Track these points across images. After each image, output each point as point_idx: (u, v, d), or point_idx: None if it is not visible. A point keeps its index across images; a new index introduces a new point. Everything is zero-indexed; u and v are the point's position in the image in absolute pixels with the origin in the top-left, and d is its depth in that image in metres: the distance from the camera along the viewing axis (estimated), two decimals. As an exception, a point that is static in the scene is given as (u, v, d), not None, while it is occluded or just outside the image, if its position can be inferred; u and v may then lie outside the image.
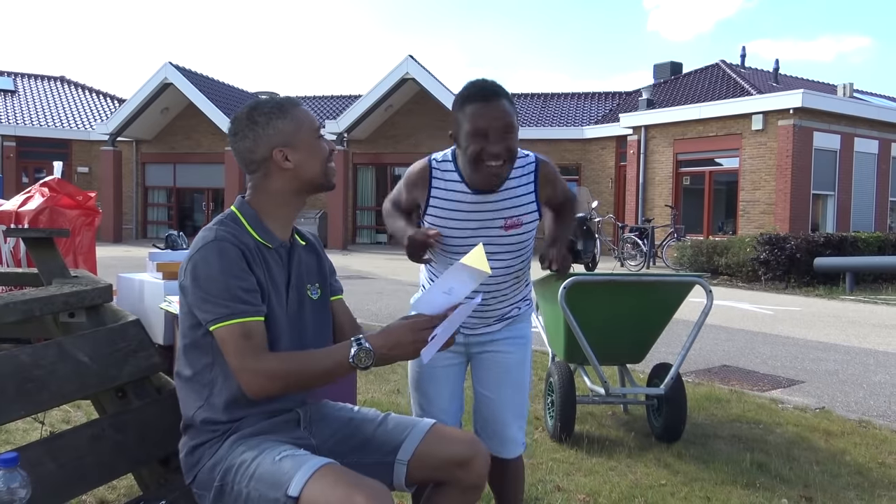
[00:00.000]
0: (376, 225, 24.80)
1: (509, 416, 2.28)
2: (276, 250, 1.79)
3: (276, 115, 1.76)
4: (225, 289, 1.64)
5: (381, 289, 11.30)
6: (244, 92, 26.68)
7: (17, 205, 4.15)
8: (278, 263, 1.79)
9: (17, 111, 25.71)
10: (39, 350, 1.84)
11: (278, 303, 1.76)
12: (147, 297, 3.02)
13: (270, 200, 1.79)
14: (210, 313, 1.64)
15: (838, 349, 6.99)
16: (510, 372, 2.29)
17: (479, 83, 2.01)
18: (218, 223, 1.74)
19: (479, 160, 1.99)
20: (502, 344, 2.30)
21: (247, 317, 1.64)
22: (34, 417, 3.66)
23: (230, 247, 1.67)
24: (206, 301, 1.65)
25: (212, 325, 1.64)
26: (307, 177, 1.79)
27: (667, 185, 18.98)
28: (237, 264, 1.67)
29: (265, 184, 1.78)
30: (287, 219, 1.82)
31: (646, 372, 4.95)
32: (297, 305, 1.82)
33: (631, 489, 3.19)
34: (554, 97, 25.79)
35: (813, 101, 16.51)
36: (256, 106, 1.79)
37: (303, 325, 1.83)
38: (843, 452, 3.79)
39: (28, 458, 1.66)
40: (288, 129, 1.76)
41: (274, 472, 1.57)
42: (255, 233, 1.76)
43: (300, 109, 1.80)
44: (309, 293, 1.86)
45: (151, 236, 25.59)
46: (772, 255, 12.78)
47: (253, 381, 1.63)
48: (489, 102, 1.96)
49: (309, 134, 1.78)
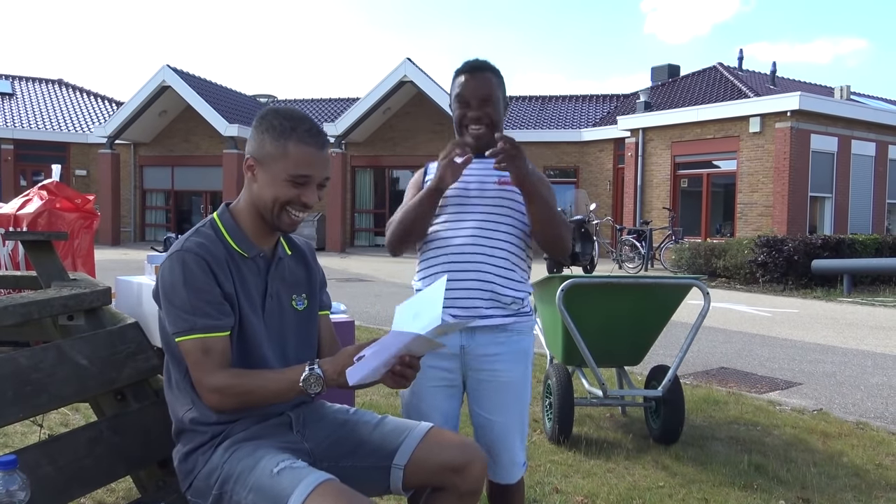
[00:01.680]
0: (374, 227, 24.79)
1: (514, 439, 2.18)
2: (252, 259, 1.77)
3: (272, 133, 1.70)
4: (187, 300, 1.65)
5: (378, 291, 11.30)
6: (242, 95, 26.69)
7: (16, 208, 4.15)
8: (254, 273, 1.77)
9: (14, 114, 25.69)
10: (38, 353, 1.84)
11: (253, 312, 1.74)
12: (145, 300, 3.01)
13: (245, 206, 1.78)
14: (173, 325, 1.67)
15: (836, 351, 7.00)
16: (510, 392, 2.17)
17: (470, 60, 2.22)
18: (195, 231, 1.75)
19: (462, 125, 2.19)
20: (500, 361, 2.14)
21: (207, 332, 1.65)
22: (32, 420, 3.65)
23: (195, 257, 1.67)
24: (170, 312, 1.67)
25: (176, 337, 1.67)
26: (259, 203, 1.74)
27: (665, 188, 19.00)
28: (200, 276, 1.66)
29: (247, 188, 1.78)
30: (261, 230, 1.78)
31: (643, 374, 4.96)
32: (278, 316, 1.81)
33: (629, 491, 3.19)
34: (551, 100, 25.81)
35: (810, 104, 16.55)
36: (275, 113, 1.74)
37: (284, 336, 1.82)
38: (840, 454, 3.80)
39: (26, 460, 1.66)
40: (269, 149, 1.70)
41: (272, 485, 1.56)
42: (232, 241, 1.75)
43: (302, 147, 1.69)
44: (294, 304, 1.85)
45: (149, 239, 25.56)
46: (769, 258, 12.80)
47: (208, 396, 1.66)
48: (473, 74, 2.17)
49: (284, 168, 1.69)
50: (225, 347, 1.67)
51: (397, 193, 24.51)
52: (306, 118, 1.74)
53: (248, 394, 1.65)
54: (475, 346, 2.14)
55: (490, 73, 2.19)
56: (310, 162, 1.71)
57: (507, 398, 2.16)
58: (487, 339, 2.14)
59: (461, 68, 2.21)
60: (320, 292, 1.96)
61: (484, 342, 2.14)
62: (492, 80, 2.17)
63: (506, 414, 2.16)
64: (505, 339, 2.16)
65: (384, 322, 7.99)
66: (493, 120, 2.17)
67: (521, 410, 2.20)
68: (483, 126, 2.15)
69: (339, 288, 11.44)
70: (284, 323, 1.82)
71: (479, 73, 2.17)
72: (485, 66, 2.20)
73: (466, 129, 2.18)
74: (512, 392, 2.17)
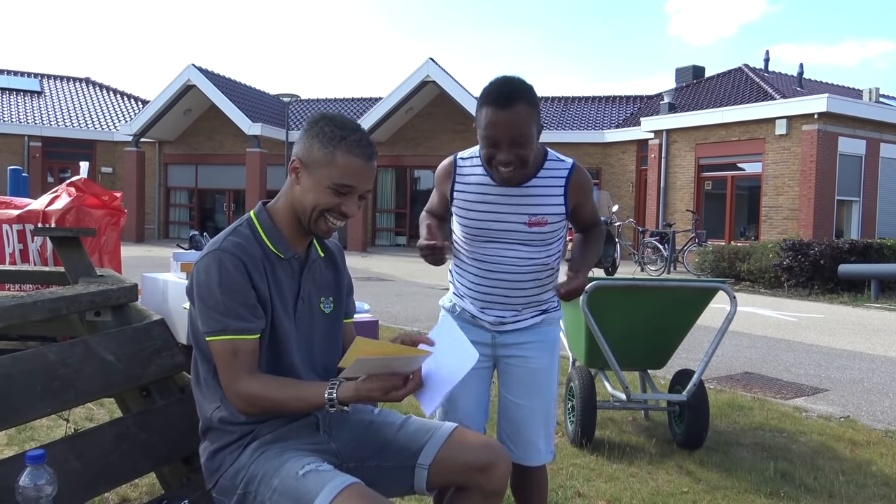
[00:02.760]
0: (395, 227, 24.85)
1: (537, 424, 2.24)
2: (287, 261, 1.77)
3: (322, 139, 1.69)
4: (220, 302, 1.64)
5: (399, 291, 11.31)
6: (266, 94, 26.86)
7: (45, 204, 4.20)
8: (289, 274, 1.77)
9: (42, 112, 26.09)
10: (66, 348, 1.86)
11: (286, 314, 1.75)
12: (171, 297, 3.04)
13: (286, 208, 1.77)
14: (205, 325, 1.67)
15: (863, 357, 6.88)
16: (537, 378, 2.24)
17: (498, 84, 1.96)
18: (232, 231, 1.74)
19: (490, 163, 2.05)
20: (529, 348, 2.24)
21: (238, 334, 1.65)
22: (59, 415, 3.70)
23: (232, 258, 1.66)
24: (203, 312, 1.67)
25: (207, 337, 1.67)
26: (299, 206, 1.74)
27: (688, 190, 18.83)
28: (236, 278, 1.66)
29: (289, 189, 1.77)
30: (298, 232, 1.78)
31: (667, 378, 4.90)
32: (308, 319, 1.81)
33: (652, 496, 3.16)
34: (574, 101, 25.69)
35: (838, 106, 16.30)
36: (328, 119, 1.72)
37: (312, 339, 1.82)
38: (868, 462, 3.73)
39: (54, 455, 1.68)
40: (317, 155, 1.69)
41: (297, 487, 1.56)
42: (269, 241, 1.75)
43: (349, 157, 1.67)
44: (322, 306, 1.85)
45: (173, 236, 25.84)
46: (795, 262, 12.63)
47: (234, 400, 1.67)
48: (502, 110, 1.92)
49: (328, 175, 1.68)
50: (254, 350, 1.68)
51: (419, 193, 24.54)
52: (358, 129, 1.72)
53: (273, 402, 1.66)
54: (505, 337, 2.26)
55: (522, 103, 1.92)
56: (356, 172, 1.69)
57: (533, 384, 2.24)
58: (517, 331, 2.26)
59: (489, 95, 1.95)
60: (347, 298, 1.96)
61: (514, 334, 2.26)
62: (523, 114, 1.92)
63: (530, 399, 2.24)
64: (535, 329, 2.26)
65: (405, 322, 7.99)
66: (525, 159, 1.99)
67: (546, 398, 2.27)
68: (514, 167, 2.00)
69: (360, 287, 11.47)
70: (313, 326, 1.83)
71: (508, 108, 1.91)
72: (515, 96, 1.92)
73: (496, 169, 2.04)
74: (539, 379, 2.25)
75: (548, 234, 2.16)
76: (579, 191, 2.16)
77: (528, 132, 1.95)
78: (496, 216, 2.14)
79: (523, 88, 1.96)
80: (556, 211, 2.14)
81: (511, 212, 2.13)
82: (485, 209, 2.15)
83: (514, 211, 2.13)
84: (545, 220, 2.13)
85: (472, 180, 2.18)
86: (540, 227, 2.13)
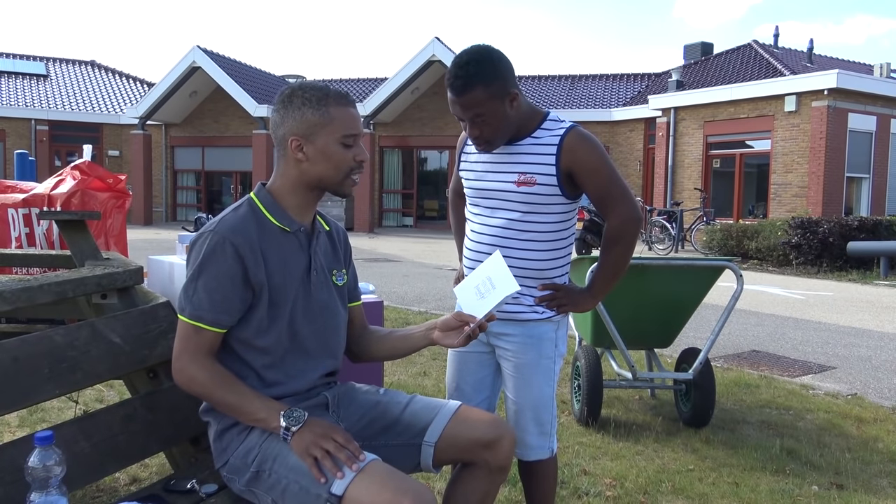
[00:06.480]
0: (402, 208, 24.81)
1: (526, 419, 2.18)
2: (294, 234, 1.77)
3: (310, 104, 1.70)
4: (200, 288, 1.65)
5: (407, 272, 11.33)
6: (271, 75, 26.76)
7: (50, 188, 4.21)
8: (296, 248, 1.77)
9: (49, 95, 26.09)
10: (73, 331, 1.87)
11: (292, 287, 1.74)
12: (177, 279, 3.06)
13: (285, 185, 1.76)
14: (180, 300, 1.68)
15: (871, 335, 6.87)
16: (522, 373, 2.16)
17: (454, 68, 1.98)
18: (231, 211, 1.73)
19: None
20: (511, 341, 2.16)
21: (202, 323, 1.65)
22: (68, 396, 3.74)
23: (224, 242, 1.65)
24: (185, 290, 1.68)
25: (178, 314, 1.69)
26: (315, 175, 1.73)
27: (696, 168, 18.71)
28: (222, 266, 1.65)
29: (282, 167, 1.77)
30: (303, 207, 1.79)
31: (674, 357, 4.91)
32: (325, 288, 1.82)
33: (658, 474, 3.17)
34: (581, 79, 25.49)
35: (848, 82, 16.11)
36: (301, 87, 1.74)
37: (331, 307, 1.83)
38: (875, 440, 3.73)
39: (63, 436, 1.70)
40: (314, 121, 1.70)
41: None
42: (273, 217, 1.75)
43: (342, 109, 1.72)
44: (334, 279, 1.86)
45: (181, 219, 25.89)
46: (804, 239, 12.57)
47: (176, 370, 1.68)
48: (458, 96, 1.98)
49: (333, 135, 1.71)
50: (213, 342, 1.68)
51: (425, 174, 24.48)
52: (327, 85, 1.77)
53: (209, 400, 1.69)
54: (491, 323, 2.08)
55: (478, 87, 1.95)
56: (353, 119, 1.75)
57: (519, 379, 2.17)
58: (501, 321, 2.16)
59: (447, 79, 2.01)
60: (352, 280, 1.98)
61: (498, 323, 2.16)
62: (479, 96, 1.95)
63: (517, 393, 2.18)
64: (519, 323, 2.16)
65: (412, 302, 8.01)
66: (495, 126, 2.02)
67: (534, 395, 2.17)
68: (484, 140, 2.05)
69: (367, 268, 11.49)
70: (331, 296, 1.84)
71: (464, 93, 1.96)
72: (470, 81, 1.95)
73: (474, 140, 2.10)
74: (524, 374, 2.16)
75: (534, 197, 2.08)
76: (573, 155, 2.06)
77: (487, 110, 1.98)
78: (488, 175, 2.15)
79: (479, 71, 1.95)
80: (545, 171, 2.06)
81: (501, 170, 2.13)
82: (479, 168, 2.17)
83: (504, 170, 2.12)
84: (533, 180, 2.07)
85: (473, 147, 2.21)
86: (528, 186, 2.07)
